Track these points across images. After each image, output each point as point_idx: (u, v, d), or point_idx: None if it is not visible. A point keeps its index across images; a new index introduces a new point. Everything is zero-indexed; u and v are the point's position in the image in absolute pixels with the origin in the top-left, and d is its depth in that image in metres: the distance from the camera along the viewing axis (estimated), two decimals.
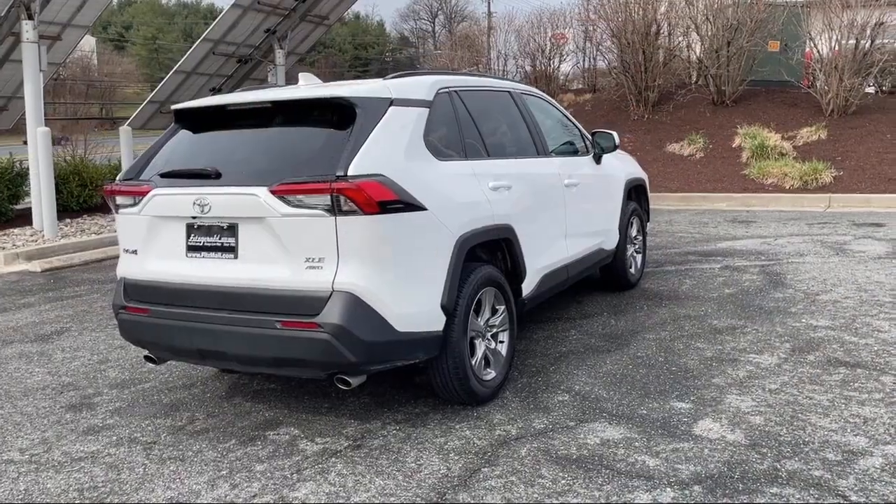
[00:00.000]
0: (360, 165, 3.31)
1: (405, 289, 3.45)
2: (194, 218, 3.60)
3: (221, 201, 3.48)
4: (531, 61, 19.61)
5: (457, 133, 4.10)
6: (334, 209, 3.25)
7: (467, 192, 3.91)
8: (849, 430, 3.52)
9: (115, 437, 3.84)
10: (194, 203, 3.54)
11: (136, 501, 3.17)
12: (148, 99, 13.96)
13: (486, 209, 4.00)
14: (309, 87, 4.05)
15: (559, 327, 5.44)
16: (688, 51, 15.64)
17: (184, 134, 4.00)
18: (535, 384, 4.30)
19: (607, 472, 3.22)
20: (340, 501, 3.09)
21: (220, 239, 3.56)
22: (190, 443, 3.72)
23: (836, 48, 14.22)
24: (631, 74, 15.65)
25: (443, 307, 3.59)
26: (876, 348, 4.67)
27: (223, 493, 3.19)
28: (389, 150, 3.50)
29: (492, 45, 23.51)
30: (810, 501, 2.92)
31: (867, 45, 14.23)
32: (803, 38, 15.50)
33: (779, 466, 3.21)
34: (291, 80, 16.58)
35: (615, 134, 5.83)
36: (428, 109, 3.86)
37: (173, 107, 4.06)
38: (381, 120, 3.53)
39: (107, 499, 3.21)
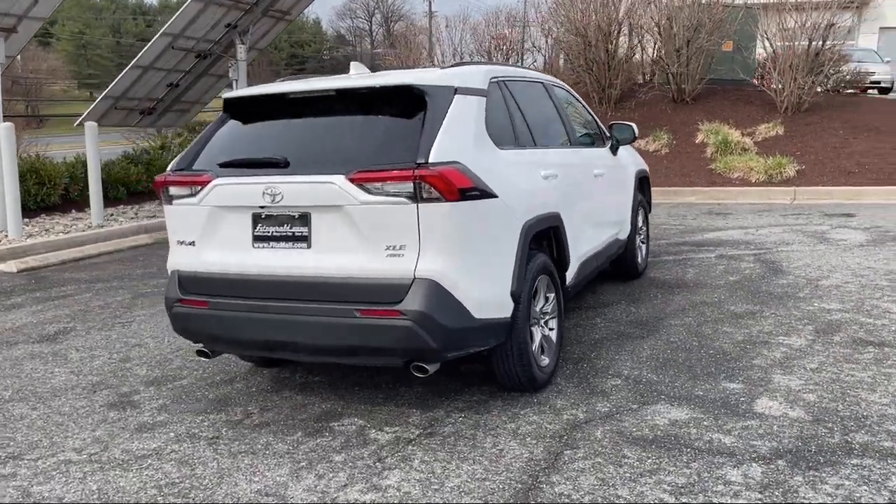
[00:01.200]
0: (439, 153, 3.30)
1: (481, 276, 3.46)
2: (262, 208, 3.53)
3: (294, 190, 3.42)
4: (487, 59, 19.82)
5: (509, 122, 4.12)
6: (417, 196, 3.24)
7: (527, 181, 3.95)
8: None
9: (172, 434, 3.73)
10: (264, 192, 3.47)
11: (224, 494, 3.09)
12: (103, 94, 13.49)
13: (542, 197, 4.05)
14: (368, 75, 4.01)
15: (583, 316, 5.52)
16: (652, 50, 15.97)
17: (237, 123, 3.92)
18: (582, 370, 4.36)
19: (689, 451, 3.30)
20: (435, 486, 3.08)
21: (290, 228, 3.50)
22: (255, 437, 3.65)
23: (790, 48, 14.76)
24: (594, 72, 15.91)
25: (511, 294, 3.62)
26: (893, 328, 4.89)
27: (311, 484, 3.15)
28: (461, 138, 3.50)
29: (435, 43, 23.71)
30: (892, 471, 3.05)
31: (819, 45, 14.82)
32: (758, 38, 16.06)
33: (849, 439, 3.34)
34: (253, 77, 16.29)
35: (634, 126, 5.93)
36: (485, 98, 3.88)
37: (224, 96, 3.97)
38: (450, 108, 3.53)
39: (190, 493, 3.13)
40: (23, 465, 3.44)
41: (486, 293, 3.47)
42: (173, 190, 3.75)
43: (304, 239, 3.47)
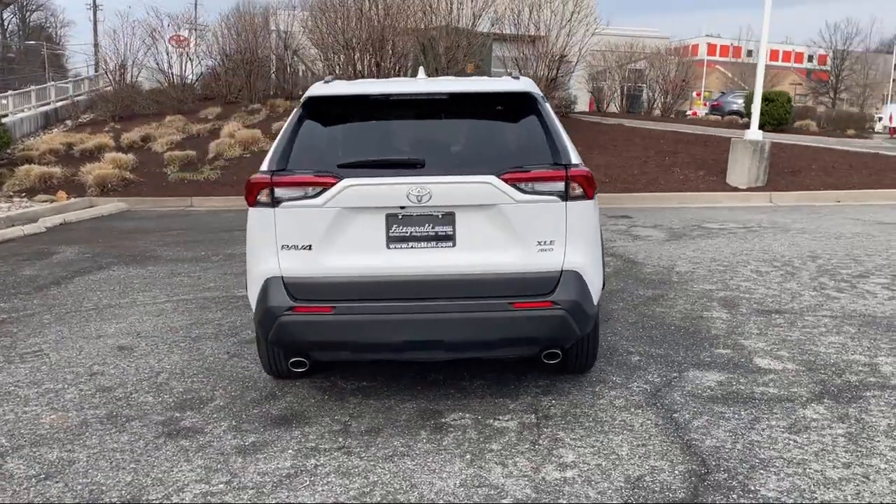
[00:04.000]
0: (573, 155, 3.65)
1: (598, 267, 3.86)
2: (402, 208, 3.53)
3: (443, 190, 3.49)
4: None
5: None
6: (566, 195, 3.55)
7: None
8: (851, 351, 4.85)
9: (292, 451, 3.52)
10: (409, 193, 3.48)
11: (429, 494, 3.12)
12: None
13: None
14: (469, 80, 4.14)
15: None
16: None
17: (330, 123, 3.80)
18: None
19: (755, 402, 4.04)
20: (614, 458, 3.43)
21: (433, 228, 3.55)
22: (381, 441, 3.60)
23: (531, 75, 16.84)
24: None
25: (602, 284, 4.07)
26: (770, 300, 6.22)
27: (505, 472, 3.28)
28: (568, 140, 3.87)
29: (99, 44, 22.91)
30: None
31: (555, 73, 17.10)
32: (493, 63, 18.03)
33: (847, 380, 4.36)
34: None
35: None
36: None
37: (310, 94, 3.81)
38: (549, 114, 3.88)
39: (398, 496, 3.09)
40: None
41: (599, 283, 3.88)
42: (283, 192, 3.54)
43: (449, 238, 3.55)
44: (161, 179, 14.91)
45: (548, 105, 3.98)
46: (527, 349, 3.74)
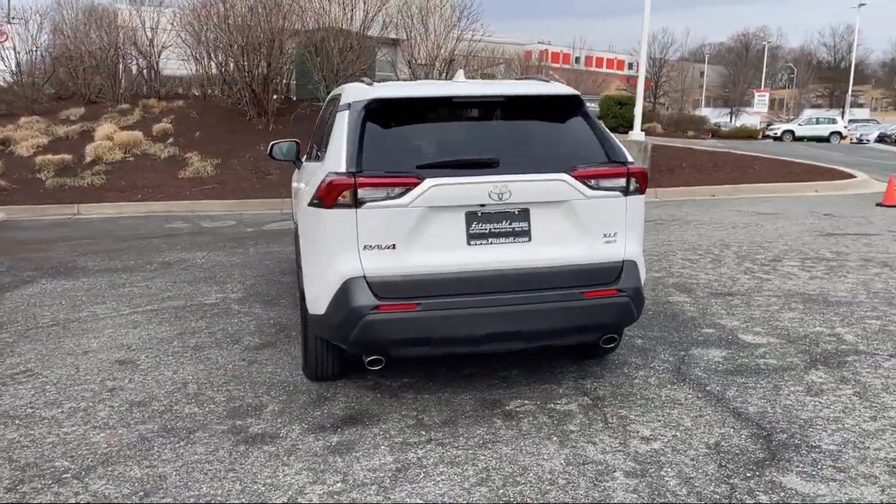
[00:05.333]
0: (627, 153, 3.97)
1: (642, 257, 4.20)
2: (482, 206, 3.68)
3: (521, 188, 3.68)
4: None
5: None
6: (627, 190, 3.86)
7: None
8: (810, 325, 5.52)
9: (384, 448, 3.58)
10: (490, 192, 3.64)
11: (547, 478, 3.32)
12: None
13: None
14: (519, 84, 4.30)
15: None
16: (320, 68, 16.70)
17: (396, 123, 3.87)
18: None
19: (765, 372, 4.55)
20: (685, 429, 3.78)
21: (510, 224, 3.73)
22: (461, 432, 3.72)
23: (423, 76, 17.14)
24: (251, 85, 16.05)
25: None
26: (723, 281, 6.88)
27: (599, 449, 3.54)
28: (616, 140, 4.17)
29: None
30: (877, 358, 4.77)
31: (444, 75, 17.49)
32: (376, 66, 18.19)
33: (827, 348, 4.99)
34: None
35: None
36: None
37: (377, 95, 3.86)
38: (592, 114, 4.18)
39: (516, 480, 3.26)
40: None
41: (645, 270, 4.22)
42: (366, 192, 3.58)
43: (525, 233, 3.75)
44: (36, 186, 13.80)
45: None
46: (593, 335, 4.00)
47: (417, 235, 3.63)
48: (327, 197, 3.62)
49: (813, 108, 68.56)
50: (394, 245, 3.61)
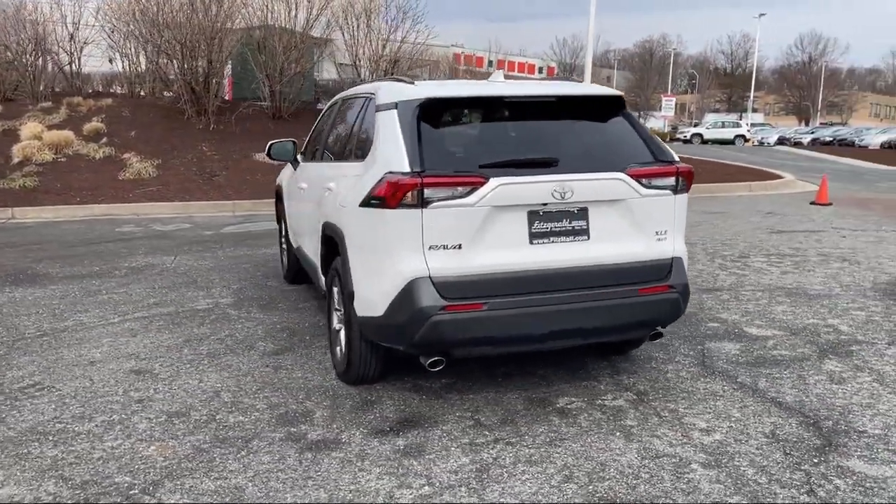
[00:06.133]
0: (673, 153, 4.08)
1: None
2: (544, 205, 3.70)
3: (581, 187, 3.73)
4: None
5: None
6: (676, 189, 3.97)
7: None
8: (804, 317, 5.80)
9: (455, 450, 3.57)
10: (553, 191, 3.67)
11: (629, 472, 3.38)
12: None
13: None
14: (566, 84, 4.32)
15: None
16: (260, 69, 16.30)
17: (449, 123, 3.85)
18: None
19: (784, 363, 4.75)
20: (733, 419, 3.91)
21: (570, 223, 3.77)
22: (526, 429, 3.75)
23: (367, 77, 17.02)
24: (190, 84, 15.56)
25: None
26: (705, 277, 7.13)
27: (665, 441, 3.62)
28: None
29: None
30: (877, 347, 5.06)
31: (383, 76, 17.41)
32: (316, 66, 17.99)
33: (829, 339, 5.26)
34: None
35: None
36: None
37: (432, 94, 3.81)
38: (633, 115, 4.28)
39: (603, 474, 3.31)
40: None
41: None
42: (432, 192, 3.55)
43: (584, 232, 3.80)
44: None
45: None
46: (644, 331, 4.08)
47: (482, 235, 3.62)
48: (391, 197, 3.56)
49: (713, 112, 71.87)
50: (460, 245, 3.59)
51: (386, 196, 3.58)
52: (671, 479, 3.23)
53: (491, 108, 3.96)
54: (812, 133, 53.09)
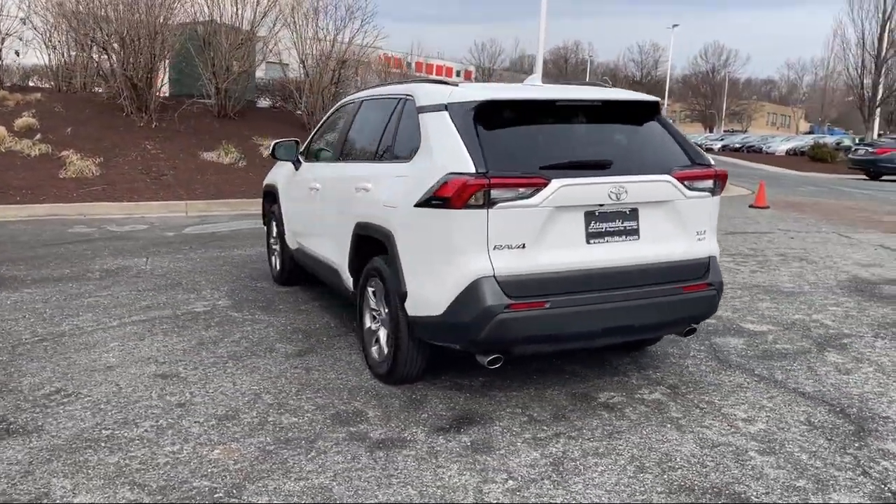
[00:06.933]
0: (708, 156, 4.30)
1: None
2: (600, 206, 3.84)
3: (635, 188, 3.88)
4: None
5: None
6: (714, 191, 4.19)
7: None
8: (788, 313, 6.16)
9: (520, 445, 3.66)
10: (610, 192, 3.81)
11: (700, 458, 3.56)
12: None
13: None
14: (609, 90, 4.43)
15: None
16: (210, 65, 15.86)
17: (503, 125, 3.93)
18: None
19: (790, 355, 5.05)
20: (767, 409, 4.15)
21: (622, 223, 3.91)
22: (580, 423, 3.88)
23: (318, 78, 16.85)
24: (132, 79, 15.03)
25: None
26: None
27: (716, 431, 3.81)
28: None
29: None
30: (865, 339, 5.44)
31: (336, 75, 17.29)
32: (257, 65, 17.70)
33: (820, 332, 5.62)
34: None
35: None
36: None
37: (493, 97, 3.89)
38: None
39: (672, 461, 3.47)
40: None
41: None
42: (499, 193, 3.63)
43: (635, 232, 3.95)
44: None
45: None
46: (683, 327, 4.27)
47: (544, 235, 3.72)
48: (456, 197, 3.61)
49: None
50: (523, 245, 3.68)
51: (451, 196, 3.63)
52: (736, 467, 3.41)
53: (543, 111, 4.06)
54: (722, 140, 55.68)
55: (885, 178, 24.93)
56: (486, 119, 3.88)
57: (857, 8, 39.84)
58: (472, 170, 3.63)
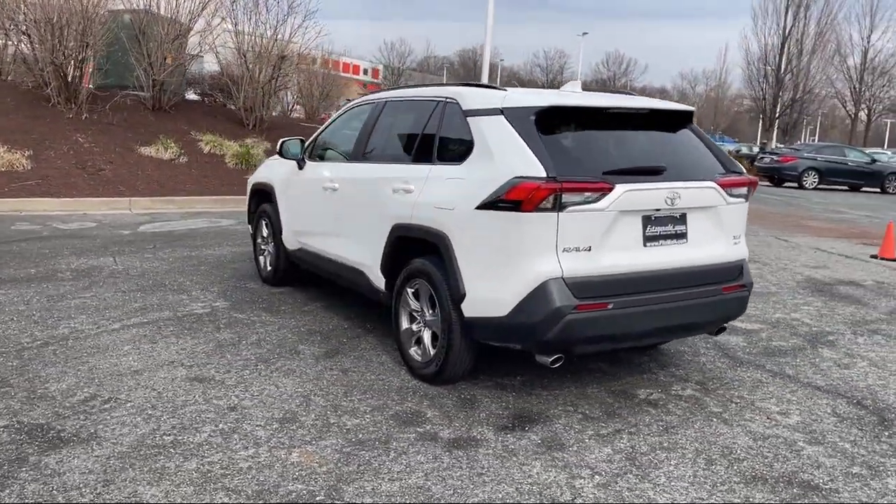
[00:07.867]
0: (739, 164, 4.56)
1: None
2: (657, 210, 4.01)
3: (686, 194, 4.07)
4: None
5: None
6: (748, 197, 4.45)
7: None
8: (772, 313, 6.56)
9: (573, 445, 3.81)
10: (666, 197, 4.00)
11: (740, 444, 3.79)
12: None
13: None
14: (649, 99, 4.58)
15: None
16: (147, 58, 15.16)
17: (565, 130, 4.05)
18: None
19: (789, 352, 5.40)
20: (793, 403, 4.44)
21: (674, 227, 4.10)
22: (633, 419, 4.05)
23: (254, 74, 16.46)
24: (62, 68, 14.27)
25: None
26: None
27: (760, 425, 4.05)
28: None
29: None
30: (851, 337, 5.88)
31: (271, 71, 16.93)
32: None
33: (806, 330, 6.03)
34: None
35: None
36: None
37: (555, 103, 3.99)
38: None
39: (728, 452, 3.69)
40: None
41: None
42: (569, 197, 3.74)
43: (684, 236, 4.15)
44: None
45: None
46: (719, 325, 4.50)
47: (607, 238, 3.86)
48: (528, 201, 3.70)
49: None
50: (589, 247, 3.81)
51: (522, 200, 3.71)
52: (793, 457, 3.65)
53: (598, 117, 4.20)
54: None
55: (786, 184, 26.52)
56: (547, 124, 3.98)
57: (759, 24, 42.27)
58: (543, 174, 3.72)
